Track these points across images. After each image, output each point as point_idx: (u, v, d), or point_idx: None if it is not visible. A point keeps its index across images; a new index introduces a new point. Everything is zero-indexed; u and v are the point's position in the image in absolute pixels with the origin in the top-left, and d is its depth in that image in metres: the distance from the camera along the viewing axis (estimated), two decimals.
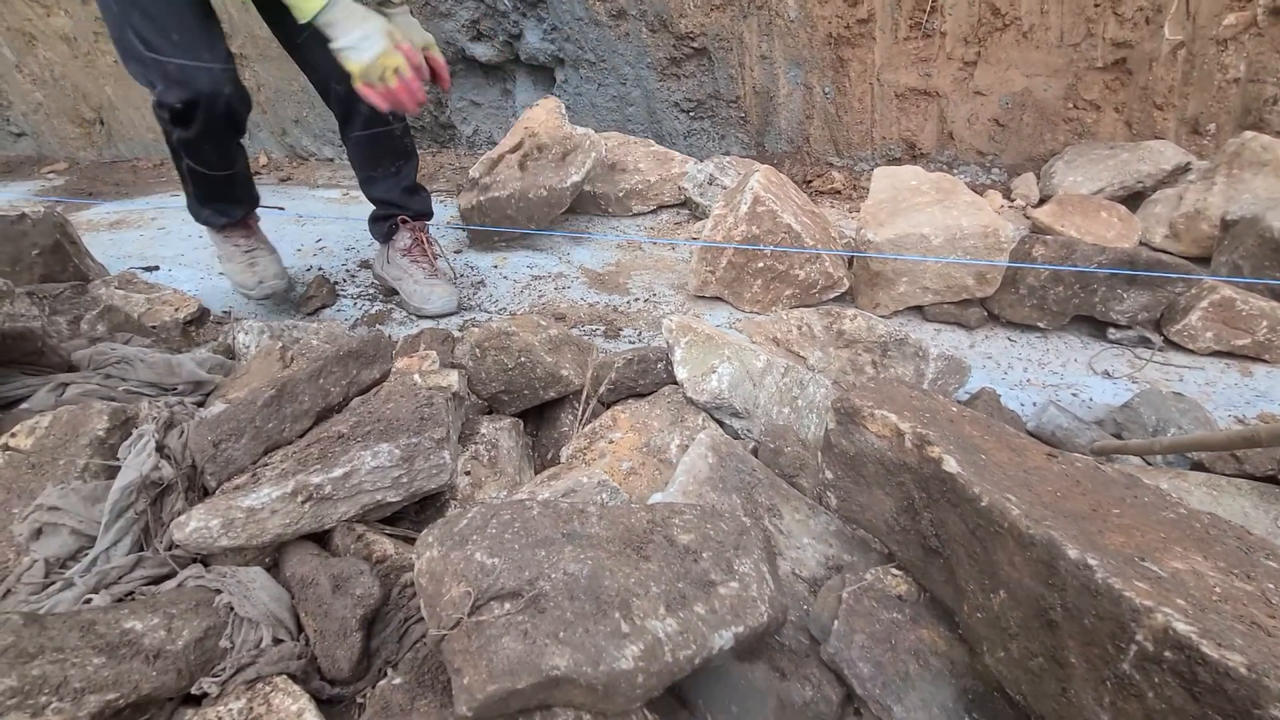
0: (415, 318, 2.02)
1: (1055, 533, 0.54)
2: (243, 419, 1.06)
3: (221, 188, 1.85)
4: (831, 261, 1.82)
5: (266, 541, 0.89)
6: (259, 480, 0.95)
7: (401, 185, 1.88)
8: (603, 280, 2.13)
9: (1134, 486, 0.70)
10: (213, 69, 1.50)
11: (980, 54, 2.24)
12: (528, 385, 1.29)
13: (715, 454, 0.95)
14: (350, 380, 1.20)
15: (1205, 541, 0.61)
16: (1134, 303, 1.58)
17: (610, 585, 0.62)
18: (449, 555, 0.65)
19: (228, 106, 1.56)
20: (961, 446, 0.69)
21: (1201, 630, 0.43)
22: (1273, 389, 1.48)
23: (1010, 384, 1.59)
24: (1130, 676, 0.46)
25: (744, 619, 0.63)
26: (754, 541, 0.71)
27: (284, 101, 3.18)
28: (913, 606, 0.70)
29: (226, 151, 1.74)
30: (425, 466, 0.96)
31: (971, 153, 2.39)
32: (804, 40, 2.38)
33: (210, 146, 1.68)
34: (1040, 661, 0.53)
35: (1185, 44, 2.04)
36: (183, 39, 1.46)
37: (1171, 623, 0.44)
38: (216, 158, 1.73)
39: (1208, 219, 1.82)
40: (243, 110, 1.64)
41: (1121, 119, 2.20)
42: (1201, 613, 0.46)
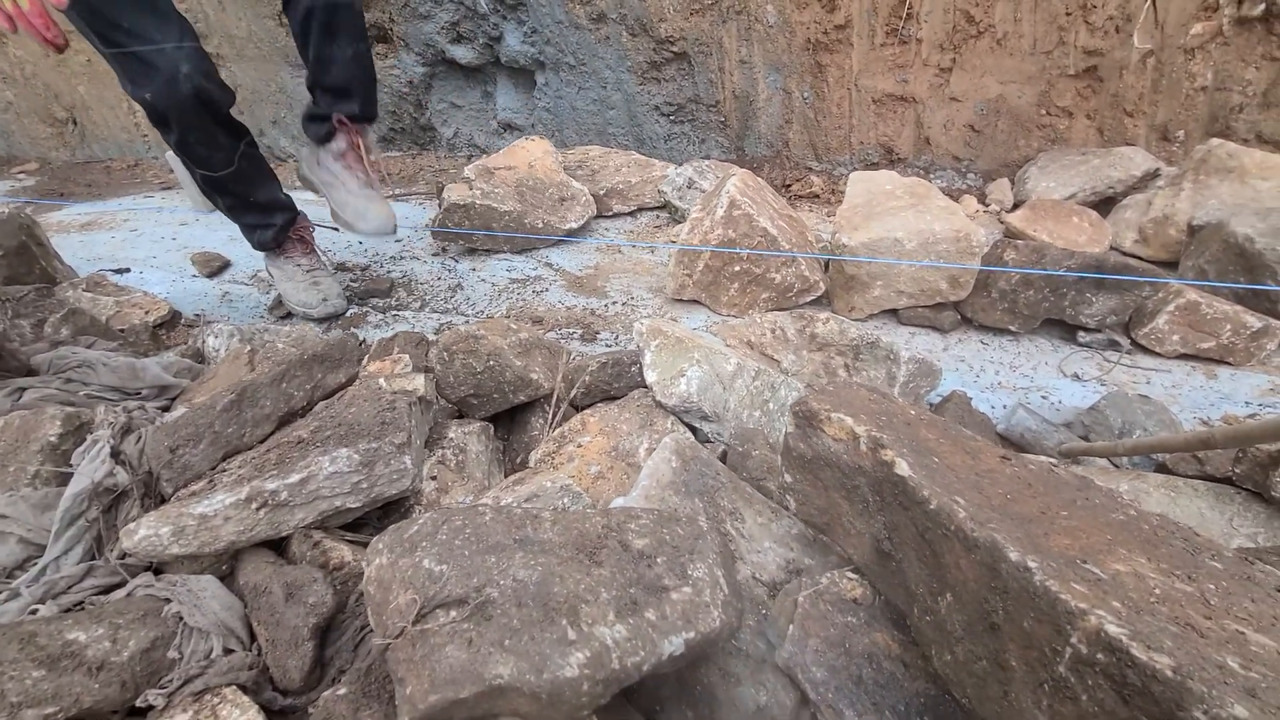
0: (398, 319, 2.00)
1: (999, 535, 0.54)
2: (201, 424, 1.04)
3: (240, 193, 1.76)
4: (808, 265, 1.83)
5: (220, 549, 0.87)
6: (215, 486, 0.93)
7: (361, 68, 1.66)
8: (581, 283, 2.13)
9: (1085, 489, 0.70)
10: (165, 49, 1.42)
11: (955, 61, 2.26)
12: (497, 389, 1.28)
13: (679, 458, 0.94)
14: (315, 384, 1.18)
15: (1151, 543, 0.62)
16: (1102, 306, 1.60)
17: (559, 592, 0.61)
18: (398, 562, 0.64)
19: (193, 88, 1.46)
20: (915, 450, 0.69)
21: (1133, 633, 0.43)
22: (1236, 391, 1.51)
23: (982, 387, 1.60)
24: (1066, 679, 0.46)
25: (696, 625, 0.63)
26: (710, 546, 0.71)
27: (261, 103, 3.15)
28: (867, 610, 0.70)
29: (216, 143, 1.62)
30: (386, 472, 0.95)
31: (948, 158, 2.42)
32: (783, 45, 2.39)
33: (196, 140, 1.58)
34: (984, 665, 0.53)
35: (1154, 53, 2.08)
36: (132, 25, 1.39)
37: (1104, 625, 0.44)
38: (209, 153, 1.62)
39: (1175, 224, 1.85)
40: (217, 92, 1.54)
41: (1093, 125, 2.23)
42: (1136, 615, 0.46)
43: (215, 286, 2.27)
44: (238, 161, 1.67)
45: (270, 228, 1.84)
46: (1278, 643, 0.49)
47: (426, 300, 2.10)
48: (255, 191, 1.78)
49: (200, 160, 1.65)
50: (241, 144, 1.69)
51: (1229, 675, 0.41)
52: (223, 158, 1.65)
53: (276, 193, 1.85)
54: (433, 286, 2.16)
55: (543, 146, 2.40)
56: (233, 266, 2.37)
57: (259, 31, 2.91)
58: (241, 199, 1.78)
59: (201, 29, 2.98)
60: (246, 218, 1.85)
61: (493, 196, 2.16)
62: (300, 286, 1.91)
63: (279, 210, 1.87)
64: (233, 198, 1.78)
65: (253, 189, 1.77)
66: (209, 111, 1.55)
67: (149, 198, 3.07)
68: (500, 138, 2.97)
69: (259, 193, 1.80)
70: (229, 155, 1.65)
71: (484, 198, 2.15)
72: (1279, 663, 0.45)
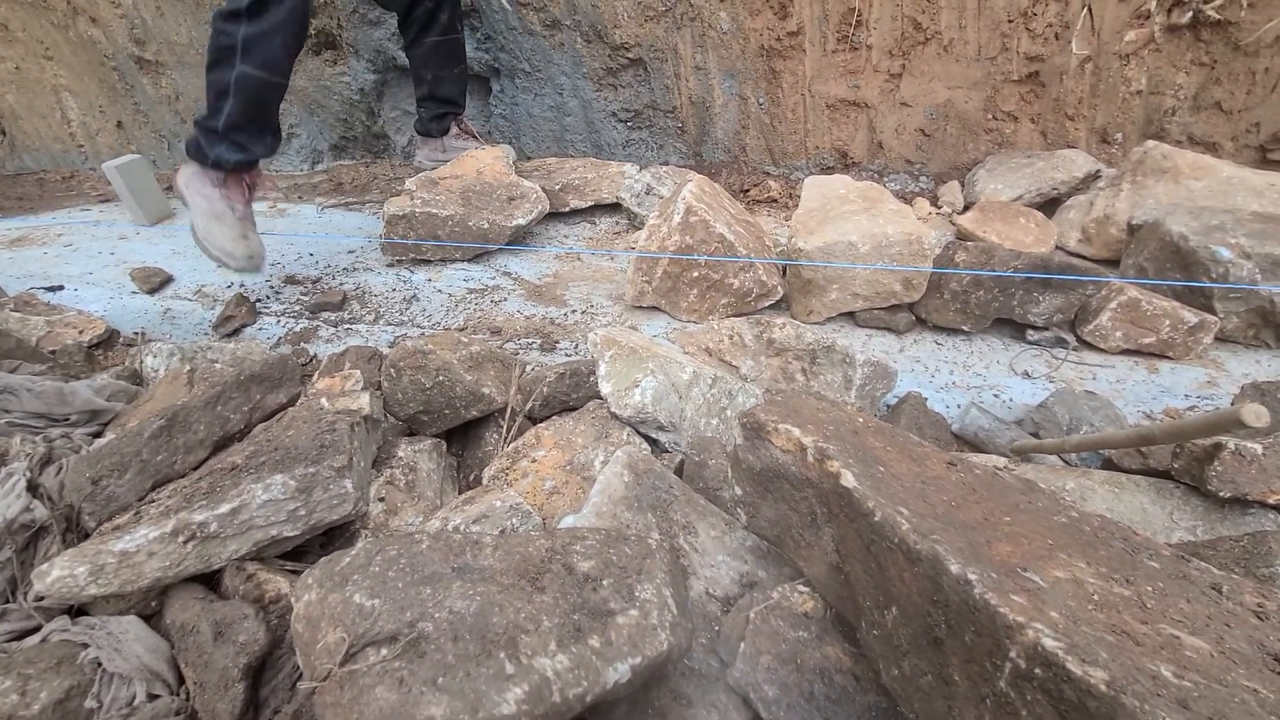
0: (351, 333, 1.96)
1: (940, 547, 0.53)
2: (127, 452, 0.98)
3: (264, 103, 1.81)
4: (765, 270, 1.83)
5: (145, 586, 0.82)
6: (140, 519, 0.88)
7: (461, 84, 2.35)
8: (540, 292, 2.10)
9: (1029, 492, 0.71)
10: None
11: (905, 67, 2.30)
12: (448, 405, 1.24)
13: (631, 472, 0.92)
14: (253, 406, 1.13)
15: (1092, 545, 0.62)
16: (1049, 305, 1.64)
17: (498, 622, 0.59)
18: (327, 598, 0.61)
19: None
20: (862, 460, 0.69)
21: (1069, 646, 0.43)
22: (1176, 384, 1.55)
23: (937, 386, 1.62)
24: (1006, 694, 0.45)
25: (642, 649, 0.61)
26: (659, 565, 0.69)
27: None
28: (819, 624, 0.69)
29: (291, 50, 1.76)
30: (325, 497, 0.91)
31: (900, 161, 2.46)
32: (737, 52, 2.41)
33: (280, 40, 1.69)
34: (929, 679, 0.53)
35: (1092, 58, 2.14)
36: None
37: (1041, 639, 0.43)
38: (281, 55, 1.73)
39: (1116, 223, 1.91)
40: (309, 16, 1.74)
41: (1037, 129, 2.30)
42: (1074, 625, 0.46)
43: (156, 303, 2.17)
44: (289, 75, 1.81)
45: (246, 153, 1.85)
46: (1210, 644, 0.49)
47: (380, 313, 2.05)
48: (271, 115, 1.86)
49: (265, 60, 1.72)
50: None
51: (1162, 686, 0.40)
52: (286, 64, 1.78)
53: (277, 132, 1.93)
54: (387, 298, 2.10)
55: (493, 153, 2.37)
56: (175, 282, 2.27)
57: (200, 38, 2.81)
58: (258, 112, 1.81)
59: (139, 34, 2.87)
60: (239, 132, 1.82)
61: (433, 204, 2.12)
62: (228, 233, 1.87)
63: (267, 140, 1.90)
64: (252, 104, 1.78)
65: (273, 108, 1.85)
66: (304, 23, 1.76)
67: (85, 210, 2.93)
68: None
69: (273, 116, 1.87)
70: (289, 66, 1.80)
71: (424, 205, 2.11)
72: (1211, 667, 0.45)
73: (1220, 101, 2.11)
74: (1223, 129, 2.16)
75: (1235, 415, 0.80)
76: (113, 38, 2.91)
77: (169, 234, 2.60)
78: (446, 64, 2.26)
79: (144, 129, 3.20)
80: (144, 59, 2.95)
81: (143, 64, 2.97)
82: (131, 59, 2.97)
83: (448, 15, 1.97)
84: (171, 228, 2.66)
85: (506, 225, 2.15)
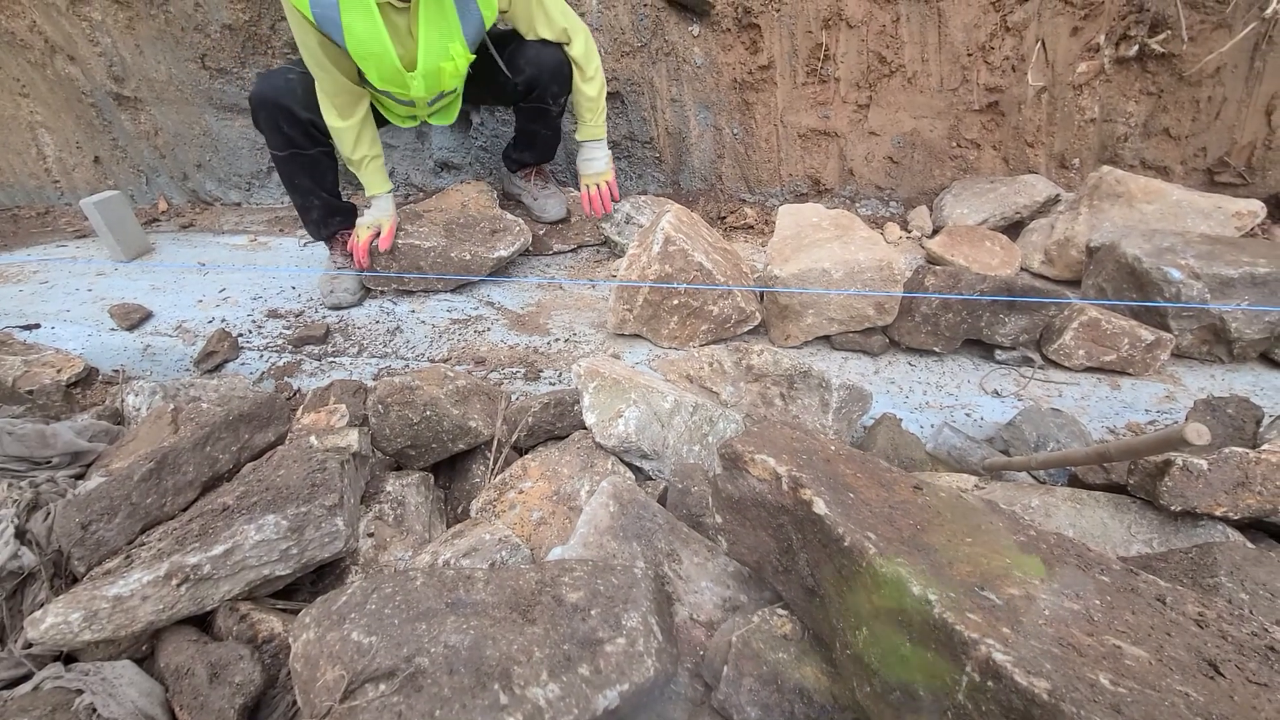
0: (335, 366, 1.96)
1: (904, 570, 0.57)
2: (117, 495, 0.99)
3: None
4: (743, 296, 1.89)
5: (138, 631, 0.83)
6: (132, 563, 0.89)
7: (552, 144, 2.46)
8: (523, 321, 2.13)
9: (991, 513, 0.75)
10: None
11: (872, 98, 2.40)
12: (435, 439, 1.26)
13: (617, 502, 0.96)
14: (242, 445, 1.15)
15: (1047, 563, 0.67)
16: (1015, 325, 1.71)
17: (492, 655, 0.61)
18: (325, 636, 0.63)
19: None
20: (833, 486, 0.73)
21: (1016, 659, 0.47)
22: (1137, 400, 1.63)
23: (911, 407, 1.67)
24: (964, 706, 0.49)
25: (630, 676, 0.64)
26: (644, 593, 0.72)
27: (185, 146, 3.06)
28: (797, 645, 0.72)
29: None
30: (316, 536, 0.93)
31: (871, 187, 2.55)
32: (711, 85, 2.49)
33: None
34: (897, 696, 0.56)
35: (1047, 89, 2.26)
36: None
37: (992, 653, 0.47)
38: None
39: (1076, 246, 2.00)
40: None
41: (999, 156, 2.40)
42: (1023, 640, 0.50)
43: (136, 340, 2.17)
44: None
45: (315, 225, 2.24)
46: (1150, 653, 0.54)
47: (364, 345, 2.07)
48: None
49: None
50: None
51: (1099, 693, 0.44)
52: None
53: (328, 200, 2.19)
54: (370, 330, 2.12)
55: (478, 187, 2.42)
56: (155, 318, 2.27)
57: (180, 75, 2.84)
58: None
59: (118, 72, 2.89)
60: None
61: (415, 235, 2.16)
62: (324, 278, 2.24)
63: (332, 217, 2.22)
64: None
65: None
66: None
67: (62, 247, 2.92)
68: (437, 177, 2.97)
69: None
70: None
71: (406, 237, 2.15)
72: (1148, 674, 0.50)
73: (1168, 128, 2.23)
74: (1172, 154, 2.28)
75: (1180, 434, 0.86)
76: (91, 75, 2.93)
77: (148, 269, 2.60)
78: (541, 124, 2.35)
79: (122, 164, 3.21)
80: (123, 95, 2.97)
81: (121, 100, 2.99)
82: (110, 96, 2.98)
83: (557, 110, 2.20)
84: (150, 263, 2.66)
85: (489, 257, 2.19)
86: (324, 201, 2.15)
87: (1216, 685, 0.50)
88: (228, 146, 3.04)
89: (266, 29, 2.63)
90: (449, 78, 1.93)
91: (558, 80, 2.10)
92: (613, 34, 2.44)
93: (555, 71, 2.07)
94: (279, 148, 2.00)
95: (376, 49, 1.77)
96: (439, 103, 2.12)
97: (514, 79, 2.06)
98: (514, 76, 2.06)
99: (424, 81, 1.90)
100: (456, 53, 1.87)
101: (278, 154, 2.02)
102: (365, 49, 1.76)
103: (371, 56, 1.79)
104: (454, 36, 1.84)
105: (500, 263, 2.23)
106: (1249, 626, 0.62)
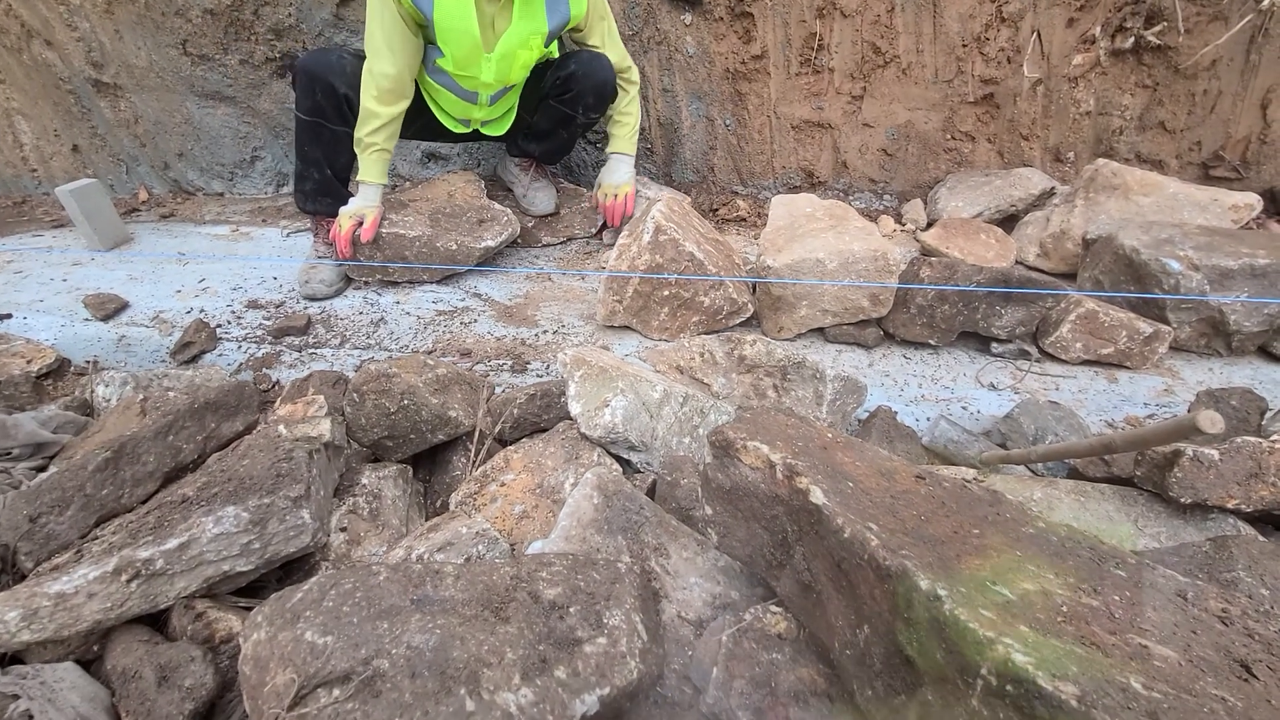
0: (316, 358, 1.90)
1: (910, 563, 0.52)
2: (69, 487, 0.93)
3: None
4: (736, 287, 1.84)
5: (84, 630, 0.77)
6: (82, 558, 0.83)
7: (544, 150, 2.36)
8: (510, 313, 2.08)
9: (997, 504, 0.71)
10: None
11: (866, 89, 2.36)
12: (413, 429, 1.21)
13: (601, 494, 0.90)
14: (208, 435, 1.09)
15: (1059, 555, 0.62)
16: (1011, 318, 1.67)
17: (459, 656, 0.56)
18: (277, 637, 0.57)
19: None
20: (831, 475, 0.68)
21: (1038, 661, 0.42)
22: (1135, 393, 1.59)
23: (906, 400, 1.63)
24: (979, 712, 0.45)
25: (611, 679, 0.59)
26: (628, 590, 0.67)
27: (166, 134, 2.98)
28: (792, 644, 0.68)
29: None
30: (281, 529, 0.87)
31: (864, 180, 2.51)
32: (703, 75, 2.45)
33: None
34: (903, 700, 0.52)
35: (1043, 81, 2.23)
36: None
37: (1011, 654, 0.43)
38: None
39: (1071, 238, 1.97)
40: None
41: (994, 149, 2.37)
42: (1043, 639, 0.45)
43: (111, 330, 2.10)
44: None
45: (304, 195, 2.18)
46: (1178, 653, 0.49)
47: (347, 336, 2.00)
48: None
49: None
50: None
51: (1133, 699, 0.40)
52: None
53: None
54: (353, 322, 2.06)
55: (465, 177, 2.36)
56: (131, 308, 2.20)
57: (160, 61, 2.76)
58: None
59: (96, 58, 2.81)
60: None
61: (400, 224, 2.10)
62: (303, 268, 2.19)
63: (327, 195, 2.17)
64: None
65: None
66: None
67: (37, 236, 2.83)
68: (424, 167, 2.91)
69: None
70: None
71: (390, 226, 2.08)
72: (1180, 676, 0.45)
73: (1164, 121, 2.21)
74: (1167, 147, 2.26)
75: (1192, 422, 0.82)
76: (69, 61, 2.84)
77: (125, 259, 2.52)
78: (558, 134, 2.30)
79: (101, 153, 3.12)
80: (102, 82, 2.88)
81: (100, 87, 2.91)
82: (89, 82, 2.90)
83: (583, 121, 2.17)
84: (128, 253, 2.58)
85: (475, 247, 2.13)
86: (324, 178, 2.11)
87: (1251, 688, 0.45)
88: (210, 135, 2.96)
89: (249, 14, 2.56)
90: (519, 68, 1.94)
91: (598, 94, 2.09)
92: None
93: (600, 86, 2.06)
94: (306, 112, 1.98)
95: (460, 24, 1.81)
96: (499, 102, 2.11)
97: (557, 73, 2.05)
98: (557, 73, 2.05)
99: (497, 66, 1.91)
100: (535, 44, 1.89)
101: (301, 116, 2.00)
102: (451, 21, 1.80)
103: (454, 31, 1.82)
104: (540, 29, 1.88)
105: (487, 253, 2.17)
106: (1275, 624, 0.57)
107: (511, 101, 2.18)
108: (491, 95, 2.05)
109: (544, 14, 1.88)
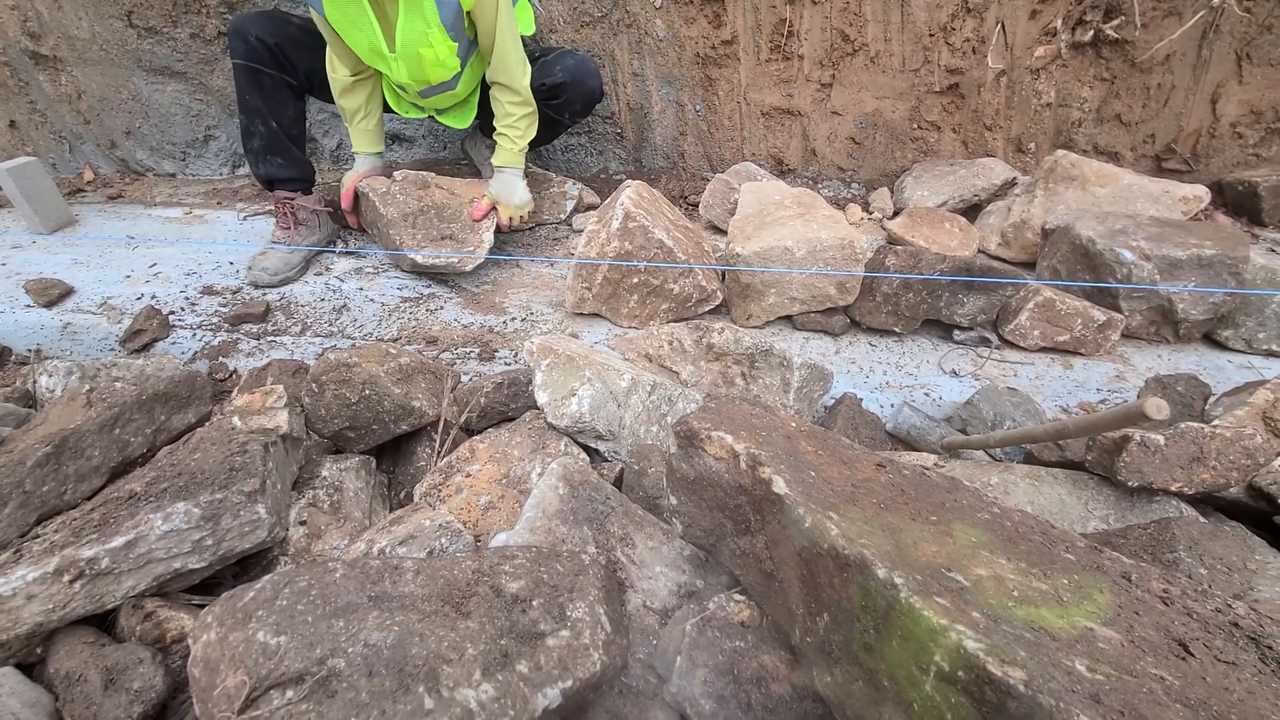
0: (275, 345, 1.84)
1: (868, 552, 0.53)
2: (6, 483, 0.89)
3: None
4: (705, 275, 1.84)
5: (23, 634, 0.74)
6: (21, 558, 0.79)
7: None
8: (478, 300, 2.04)
9: (954, 490, 0.72)
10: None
11: (835, 77, 2.37)
12: (375, 419, 1.18)
13: (567, 484, 0.90)
14: (157, 428, 1.05)
15: (1012, 540, 0.64)
16: (973, 306, 1.71)
17: (418, 653, 0.55)
18: (228, 637, 0.56)
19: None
20: (794, 465, 0.69)
21: (989, 647, 0.43)
22: (1089, 379, 1.65)
23: (871, 387, 1.66)
24: (932, 698, 0.46)
25: (574, 671, 0.59)
26: (591, 581, 0.67)
27: (111, 111, 2.84)
28: (755, 632, 0.68)
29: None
30: (235, 525, 0.84)
31: (833, 168, 2.53)
32: (673, 59, 2.42)
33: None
34: (860, 685, 0.53)
35: (1006, 72, 2.26)
36: None
37: (964, 641, 0.44)
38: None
39: (1031, 228, 2.01)
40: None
41: (959, 139, 2.40)
42: (994, 625, 0.46)
43: (55, 317, 2.00)
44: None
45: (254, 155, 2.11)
46: (1121, 634, 0.51)
47: (308, 324, 1.95)
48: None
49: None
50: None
51: (1077, 681, 0.41)
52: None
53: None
54: (315, 308, 2.00)
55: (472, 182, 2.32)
56: (76, 294, 2.10)
57: (104, 33, 2.62)
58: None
59: (33, 28, 2.65)
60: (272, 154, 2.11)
61: (389, 202, 2.06)
62: (254, 252, 2.13)
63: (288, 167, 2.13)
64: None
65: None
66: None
67: None
68: (389, 149, 2.83)
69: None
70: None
71: (383, 203, 2.05)
72: (1121, 658, 0.47)
73: (1120, 114, 2.26)
74: (1123, 139, 2.32)
75: (1140, 409, 0.85)
76: (3, 30, 2.67)
77: (70, 243, 2.40)
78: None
79: (41, 129, 2.95)
80: (40, 54, 2.72)
81: (39, 59, 2.74)
82: (25, 54, 2.73)
83: (566, 123, 2.20)
84: (73, 236, 2.46)
85: (464, 253, 2.08)
86: (270, 132, 2.05)
87: (1188, 666, 0.47)
88: (160, 113, 2.82)
89: None
90: (431, 67, 1.86)
91: (585, 101, 2.12)
92: (572, 3, 2.34)
93: (589, 94, 2.10)
94: (240, 56, 1.94)
95: (353, 23, 1.78)
96: (434, 97, 2.03)
97: (544, 80, 2.03)
98: (544, 79, 2.03)
99: (405, 65, 1.86)
100: (435, 39, 1.81)
101: (237, 62, 1.96)
102: (344, 22, 1.78)
103: (350, 30, 1.81)
104: (431, 23, 1.78)
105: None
106: (1212, 603, 0.60)
107: (461, 97, 2.11)
108: (420, 92, 1.98)
109: (433, 6, 1.75)
